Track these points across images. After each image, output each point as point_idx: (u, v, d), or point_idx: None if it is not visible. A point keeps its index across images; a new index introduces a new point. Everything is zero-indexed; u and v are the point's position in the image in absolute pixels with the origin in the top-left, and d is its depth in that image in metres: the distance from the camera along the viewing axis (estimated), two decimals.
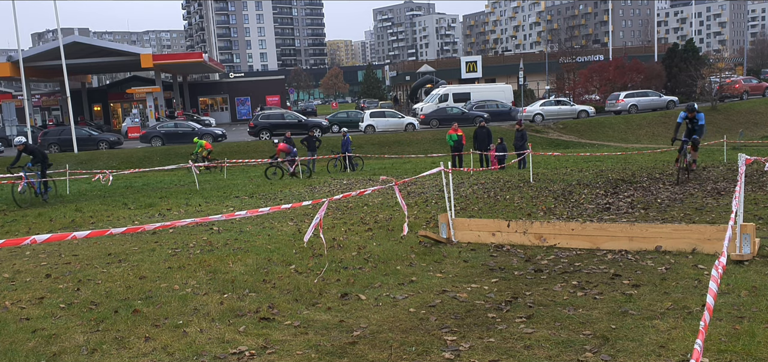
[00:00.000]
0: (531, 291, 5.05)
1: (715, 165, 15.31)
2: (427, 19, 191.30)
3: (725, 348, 3.61)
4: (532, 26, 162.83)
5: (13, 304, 5.22)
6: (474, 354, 3.76)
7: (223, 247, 7.35)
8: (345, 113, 42.90)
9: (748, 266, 5.36)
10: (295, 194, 13.78)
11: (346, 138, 23.58)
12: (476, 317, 4.46)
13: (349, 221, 9.15)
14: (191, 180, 18.92)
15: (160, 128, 36.60)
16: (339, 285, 5.48)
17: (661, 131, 34.95)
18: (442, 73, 58.23)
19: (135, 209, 12.32)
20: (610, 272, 5.49)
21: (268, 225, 8.96)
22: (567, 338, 3.94)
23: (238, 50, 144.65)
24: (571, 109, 39.00)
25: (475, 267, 5.99)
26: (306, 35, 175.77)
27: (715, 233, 5.99)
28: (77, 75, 50.40)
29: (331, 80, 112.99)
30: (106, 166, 24.79)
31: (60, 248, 7.76)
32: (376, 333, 4.19)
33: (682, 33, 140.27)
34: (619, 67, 45.80)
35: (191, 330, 4.36)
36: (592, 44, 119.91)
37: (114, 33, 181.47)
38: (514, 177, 15.02)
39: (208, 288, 5.49)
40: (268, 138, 34.66)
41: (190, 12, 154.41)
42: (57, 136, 35.74)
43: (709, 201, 9.42)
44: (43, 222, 10.96)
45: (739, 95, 44.50)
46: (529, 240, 6.91)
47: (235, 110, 59.22)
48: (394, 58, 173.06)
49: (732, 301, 4.43)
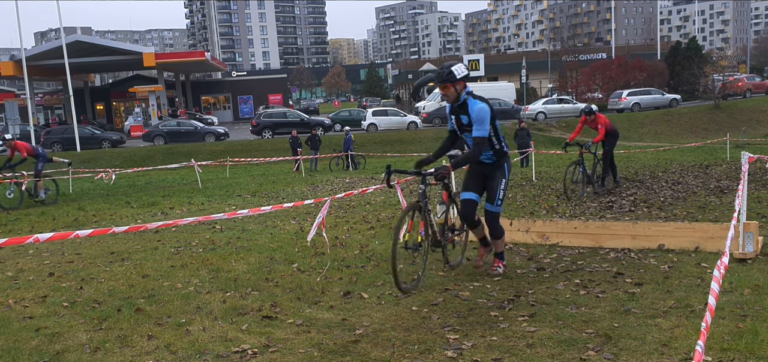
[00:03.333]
0: (533, 289, 5.05)
1: (718, 163, 15.29)
2: (429, 17, 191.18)
3: (728, 346, 3.61)
4: (534, 24, 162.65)
5: (17, 303, 5.23)
6: (476, 352, 3.76)
7: (225, 246, 7.36)
8: (347, 112, 42.93)
9: (751, 264, 5.36)
10: (298, 193, 13.79)
11: (349, 136, 23.58)
12: (478, 315, 4.46)
13: (352, 219, 9.15)
14: (194, 178, 18.93)
15: (163, 127, 36.67)
16: (341, 283, 5.49)
17: (664, 129, 34.90)
18: None
19: (138, 208, 12.34)
20: (613, 270, 5.49)
21: (271, 224, 8.97)
22: (569, 336, 3.93)
23: (241, 49, 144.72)
24: (574, 107, 38.97)
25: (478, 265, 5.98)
26: (308, 34, 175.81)
27: (718, 231, 5.98)
28: (80, 74, 50.46)
29: (334, 79, 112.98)
30: (108, 164, 24.83)
31: (63, 247, 7.78)
32: (379, 332, 4.20)
33: (685, 31, 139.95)
34: (621, 65, 45.76)
35: (194, 328, 4.37)
36: (594, 42, 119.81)
37: (116, 32, 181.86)
38: (516, 175, 15.01)
39: (211, 286, 5.50)
40: (271, 136, 34.70)
41: (193, 11, 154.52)
42: (60, 135, 35.83)
43: (712, 199, 9.41)
44: (46, 220, 10.99)
45: (742, 93, 44.42)
46: (531, 238, 6.90)
47: (238, 109, 59.27)
48: (396, 56, 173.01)
49: (735, 300, 4.42)
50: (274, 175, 20.36)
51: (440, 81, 5.14)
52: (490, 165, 5.42)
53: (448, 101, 5.27)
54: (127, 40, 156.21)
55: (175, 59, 49.94)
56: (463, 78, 5.16)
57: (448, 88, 5.16)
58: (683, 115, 37.56)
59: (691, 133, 33.57)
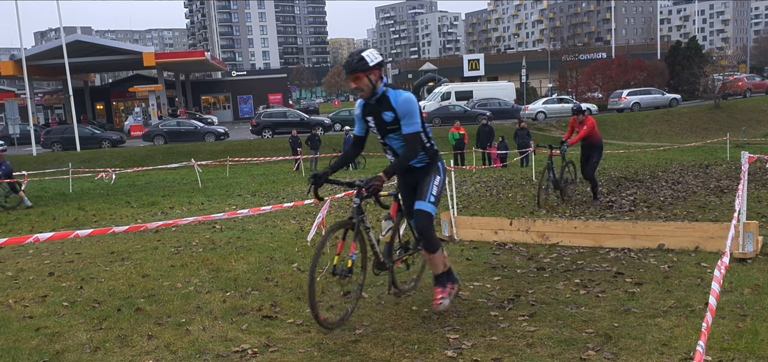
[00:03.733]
0: (533, 289, 5.05)
1: (718, 163, 15.29)
2: (429, 17, 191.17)
3: (728, 346, 3.61)
4: (534, 24, 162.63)
5: (17, 302, 5.23)
6: (476, 351, 3.76)
7: (225, 245, 7.36)
8: (347, 111, 42.86)
9: (751, 264, 5.36)
10: (298, 192, 13.79)
11: (349, 136, 23.57)
12: (478, 315, 4.46)
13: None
14: (194, 178, 18.93)
15: (163, 127, 36.65)
16: (341, 283, 5.48)
17: (664, 129, 34.90)
18: (445, 71, 58.23)
19: (138, 207, 12.34)
20: (613, 270, 5.49)
21: (271, 224, 8.97)
22: (569, 336, 3.94)
23: (241, 48, 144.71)
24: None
25: (478, 265, 5.99)
26: (308, 33, 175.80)
27: (718, 231, 5.98)
28: (80, 73, 50.46)
29: (334, 78, 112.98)
30: (108, 164, 24.84)
31: (63, 246, 7.78)
32: (379, 331, 4.20)
33: (685, 31, 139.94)
34: (621, 65, 45.77)
35: (194, 328, 4.37)
36: (594, 42, 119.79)
37: (116, 31, 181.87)
38: (516, 175, 15.01)
39: (211, 286, 5.50)
40: (271, 136, 34.69)
41: (193, 10, 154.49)
42: (60, 135, 35.83)
43: (712, 199, 9.41)
44: (46, 220, 10.99)
45: (742, 93, 44.42)
46: (531, 238, 6.90)
47: (238, 108, 59.25)
48: (396, 56, 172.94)
49: (735, 299, 4.43)
50: (274, 175, 20.37)
51: (350, 71, 4.14)
52: (421, 169, 4.48)
53: (362, 96, 4.26)
54: (127, 39, 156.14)
55: (175, 59, 49.91)
56: (378, 65, 4.17)
57: (360, 79, 4.14)
58: (683, 115, 37.56)
59: (691, 133, 33.58)
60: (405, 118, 4.21)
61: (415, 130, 4.21)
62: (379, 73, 4.19)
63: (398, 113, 4.23)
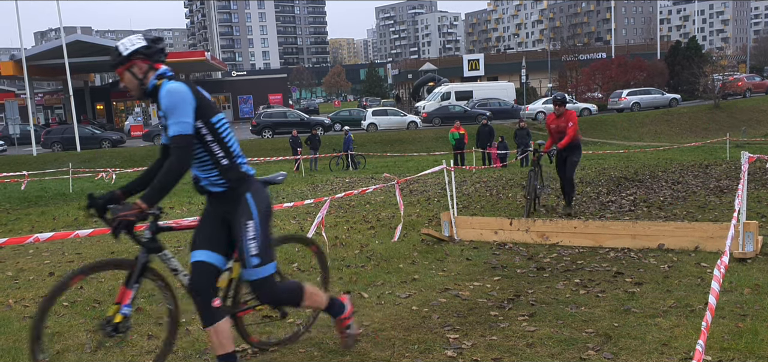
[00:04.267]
0: (533, 289, 5.05)
1: (718, 163, 15.29)
2: (429, 17, 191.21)
3: (728, 346, 3.61)
4: (534, 24, 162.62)
5: (17, 302, 5.23)
6: (476, 351, 3.76)
7: None
8: (347, 111, 42.89)
9: (751, 264, 5.36)
10: (298, 192, 13.79)
11: (348, 136, 23.58)
12: (478, 315, 4.46)
13: (352, 219, 9.15)
14: None
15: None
16: (341, 283, 5.49)
17: (664, 129, 34.89)
18: (445, 71, 58.21)
19: None
20: (613, 270, 5.49)
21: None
22: (569, 336, 3.94)
23: (241, 49, 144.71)
24: (574, 107, 38.95)
25: (478, 265, 5.99)
26: (308, 34, 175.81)
27: (718, 231, 5.99)
28: (80, 73, 50.41)
29: (334, 78, 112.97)
30: (108, 164, 24.83)
31: (63, 246, 7.78)
32: (379, 331, 4.20)
33: (684, 31, 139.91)
34: (621, 65, 45.75)
35: (194, 328, 4.37)
36: (594, 42, 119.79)
37: (116, 32, 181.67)
38: (516, 175, 15.01)
39: None
40: (271, 136, 34.69)
41: (193, 10, 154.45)
42: (60, 135, 35.82)
43: (711, 199, 9.41)
44: (46, 220, 10.99)
45: (742, 93, 44.41)
46: (531, 238, 6.90)
47: (238, 108, 59.26)
48: (396, 56, 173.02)
49: (735, 299, 4.43)
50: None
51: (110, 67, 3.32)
52: (223, 196, 3.29)
53: (131, 94, 3.31)
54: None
55: (174, 59, 49.78)
56: (137, 53, 3.19)
57: (121, 75, 3.26)
58: (683, 115, 37.56)
59: (691, 133, 33.57)
60: (170, 114, 3.10)
61: (182, 132, 3.07)
62: (144, 64, 3.20)
63: (163, 109, 3.15)
